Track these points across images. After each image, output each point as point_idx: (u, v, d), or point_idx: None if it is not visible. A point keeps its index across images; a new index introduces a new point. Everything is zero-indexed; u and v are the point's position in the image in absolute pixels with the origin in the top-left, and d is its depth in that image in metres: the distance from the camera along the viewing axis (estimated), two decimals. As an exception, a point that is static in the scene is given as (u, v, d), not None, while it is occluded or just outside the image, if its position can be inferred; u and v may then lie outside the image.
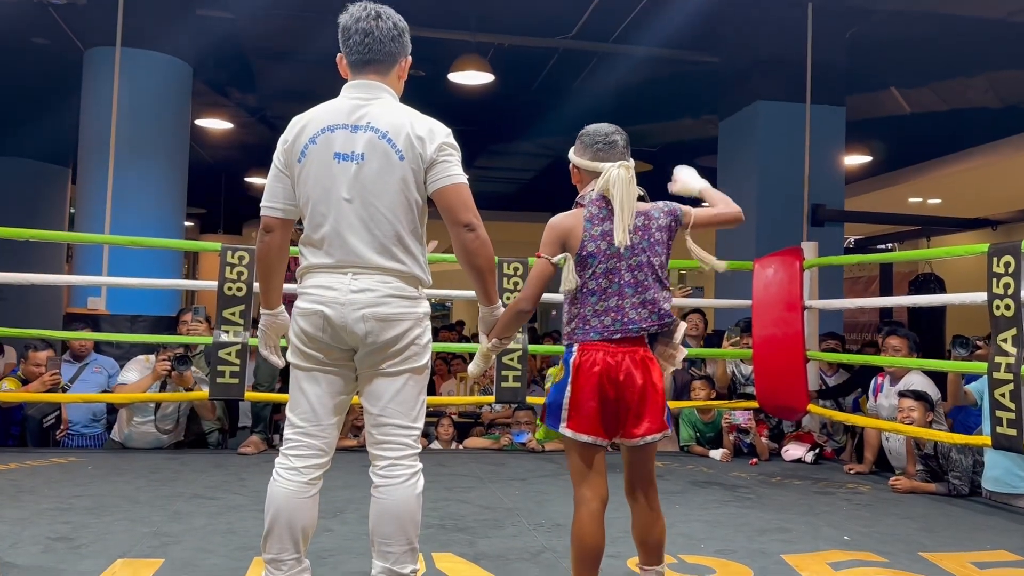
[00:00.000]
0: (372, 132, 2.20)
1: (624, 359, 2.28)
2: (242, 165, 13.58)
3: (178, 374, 4.94)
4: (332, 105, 2.28)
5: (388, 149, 2.19)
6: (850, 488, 4.58)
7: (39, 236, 5.24)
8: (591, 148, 2.43)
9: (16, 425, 5.29)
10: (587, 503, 2.28)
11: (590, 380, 2.27)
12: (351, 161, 2.19)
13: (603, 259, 2.33)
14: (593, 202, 2.38)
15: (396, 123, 2.21)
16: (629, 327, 2.30)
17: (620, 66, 8.16)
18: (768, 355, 5.35)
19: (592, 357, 2.28)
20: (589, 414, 2.26)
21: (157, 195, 6.77)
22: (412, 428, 2.27)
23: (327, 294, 2.19)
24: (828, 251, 6.22)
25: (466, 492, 4.10)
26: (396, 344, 2.21)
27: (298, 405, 2.27)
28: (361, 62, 2.27)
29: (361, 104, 2.24)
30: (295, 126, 2.27)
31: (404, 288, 2.23)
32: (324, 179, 2.21)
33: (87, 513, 3.43)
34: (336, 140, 2.20)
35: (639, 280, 2.32)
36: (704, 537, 3.39)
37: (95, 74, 6.75)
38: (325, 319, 2.19)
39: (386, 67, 2.30)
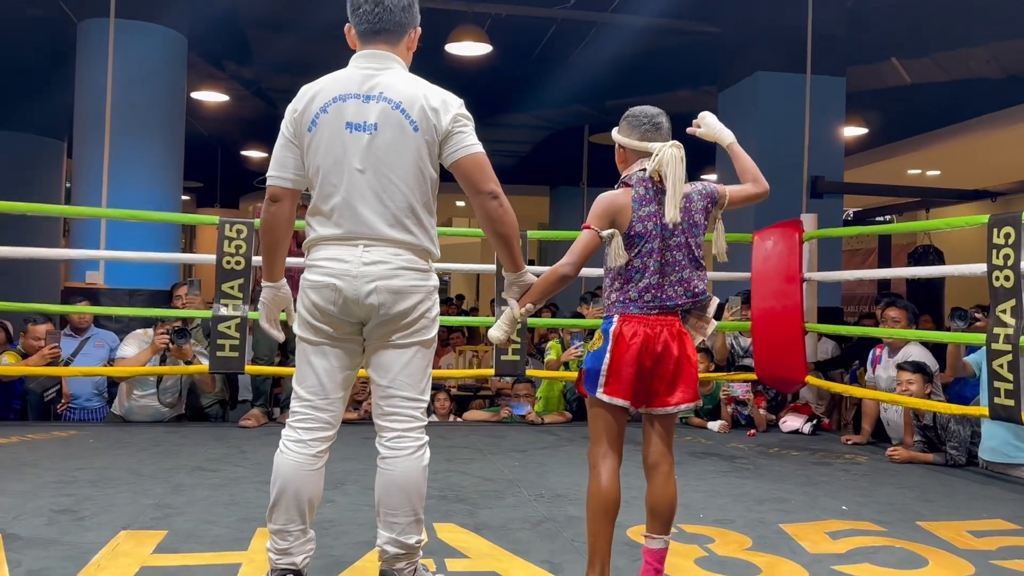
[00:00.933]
0: (385, 102, 2.18)
1: (662, 331, 2.36)
2: (238, 138, 13.51)
3: (177, 347, 4.94)
4: (343, 74, 2.25)
5: (402, 120, 2.17)
6: (848, 459, 4.61)
7: (36, 209, 5.22)
8: (639, 129, 2.46)
9: (17, 399, 5.31)
10: (609, 458, 2.37)
11: (631, 349, 2.34)
12: (363, 131, 2.17)
13: (648, 239, 2.37)
14: (640, 182, 2.41)
15: (410, 94, 2.19)
16: (666, 303, 2.38)
17: (619, 36, 8.08)
18: (767, 327, 5.36)
19: (634, 328, 2.35)
20: (626, 380, 2.34)
21: (153, 168, 6.73)
22: (419, 400, 2.27)
23: (338, 266, 2.17)
24: (827, 223, 6.21)
25: (467, 464, 4.13)
26: (407, 317, 2.21)
27: (306, 379, 2.26)
28: (371, 32, 2.25)
29: (372, 74, 2.21)
30: (305, 95, 2.23)
31: (415, 261, 2.22)
32: (335, 149, 2.18)
33: (90, 485, 3.45)
34: (348, 110, 2.18)
35: (677, 260, 2.39)
36: (703, 507, 3.42)
37: (89, 46, 6.68)
38: (337, 292, 2.17)
39: (396, 37, 2.27)
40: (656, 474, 2.42)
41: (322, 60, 8.54)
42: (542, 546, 2.84)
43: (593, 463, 2.38)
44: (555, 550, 2.80)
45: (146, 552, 2.64)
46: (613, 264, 2.39)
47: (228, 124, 12.20)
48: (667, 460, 2.43)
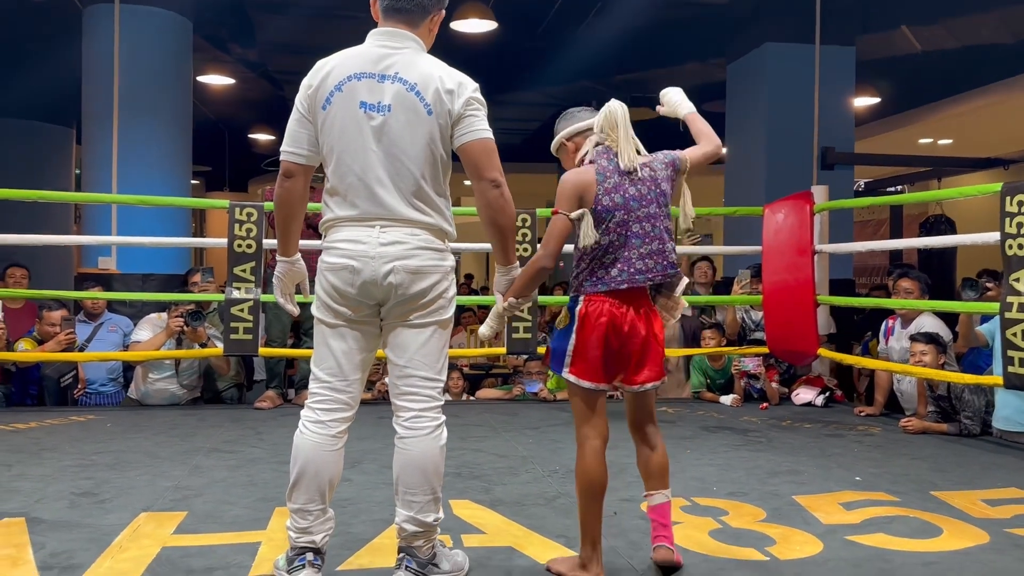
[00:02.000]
0: (400, 83, 2.17)
1: (628, 311, 2.36)
2: (245, 121, 13.49)
3: (192, 330, 4.98)
4: (358, 51, 2.23)
5: (416, 102, 2.16)
6: (861, 430, 4.62)
7: (47, 197, 5.25)
8: (577, 116, 2.54)
9: (34, 385, 5.36)
10: (590, 440, 2.39)
11: (596, 330, 2.34)
12: (377, 112, 2.16)
13: (616, 211, 2.36)
14: (601, 155, 2.42)
15: (424, 75, 2.18)
16: (635, 277, 2.36)
17: (625, 9, 8.00)
18: (778, 300, 5.35)
19: (599, 307, 2.35)
20: (593, 361, 2.35)
21: (162, 153, 6.75)
22: (436, 380, 2.28)
23: (356, 247, 2.18)
24: (838, 194, 6.18)
25: (480, 441, 4.15)
26: (425, 296, 2.21)
27: (324, 360, 2.27)
28: (392, 9, 2.23)
29: (389, 52, 2.20)
30: (320, 71, 2.22)
31: (432, 240, 2.23)
32: (350, 128, 2.17)
33: (109, 469, 3.50)
34: (362, 89, 2.17)
35: (646, 231, 2.37)
36: (716, 480, 3.44)
37: (95, 32, 6.68)
38: (355, 273, 2.17)
39: (417, 18, 2.25)
40: (644, 438, 2.50)
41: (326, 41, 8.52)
42: (557, 521, 2.87)
43: (579, 442, 2.41)
44: (570, 525, 2.81)
45: (166, 533, 2.68)
46: (583, 244, 2.37)
47: (235, 107, 12.18)
48: (651, 426, 2.50)
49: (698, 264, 6.22)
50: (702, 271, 6.18)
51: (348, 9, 7.54)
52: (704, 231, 11.21)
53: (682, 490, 3.26)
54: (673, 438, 4.30)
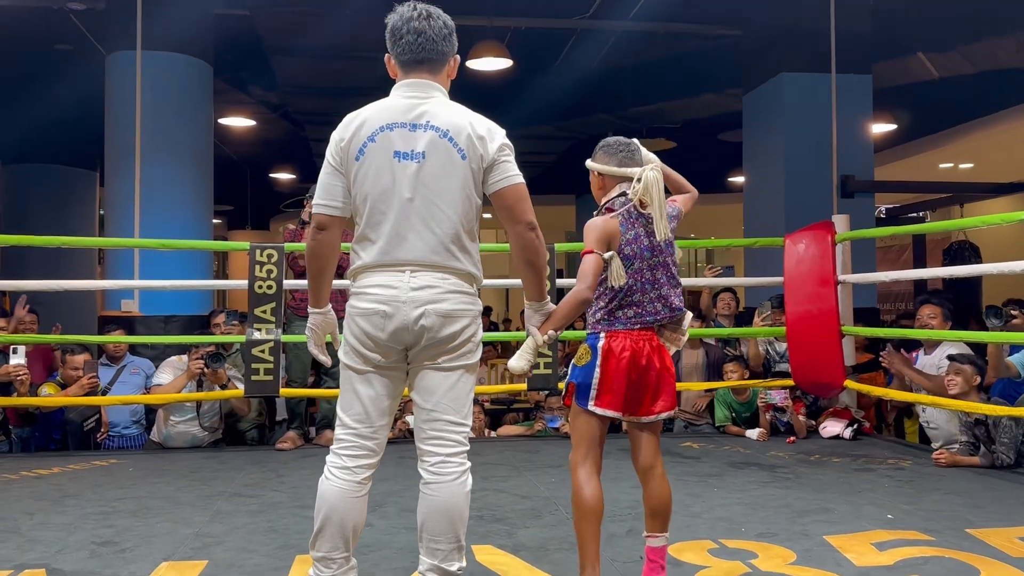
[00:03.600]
0: (433, 131, 2.22)
1: (645, 345, 2.52)
2: (267, 160, 13.67)
3: (212, 371, 4.99)
4: (388, 103, 2.28)
5: (450, 148, 2.21)
6: (891, 464, 4.52)
7: (71, 243, 5.33)
8: (616, 156, 2.62)
9: (58, 429, 5.38)
10: (588, 465, 2.50)
11: (621, 364, 2.48)
12: (412, 160, 2.21)
13: (635, 260, 2.53)
14: (623, 207, 2.56)
15: (456, 122, 2.24)
16: (646, 319, 2.54)
17: (640, 43, 8.06)
18: (802, 332, 5.28)
19: (622, 343, 2.50)
20: (618, 393, 2.48)
21: (184, 196, 6.82)
22: (463, 424, 2.28)
23: (387, 293, 2.20)
24: (859, 223, 6.12)
25: (502, 482, 4.11)
26: (454, 340, 2.23)
27: (351, 406, 2.29)
28: (414, 61, 2.28)
29: (418, 103, 2.25)
30: (351, 124, 2.26)
31: (461, 284, 2.26)
32: (384, 178, 2.21)
33: (131, 516, 3.48)
34: (396, 139, 2.21)
35: (657, 278, 2.56)
36: (744, 520, 3.37)
37: (118, 79, 6.80)
38: (387, 318, 2.20)
39: (438, 66, 2.32)
40: (651, 476, 2.56)
41: (344, 82, 8.62)
42: (582, 566, 2.81)
43: (573, 468, 2.51)
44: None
45: (187, 583, 2.65)
46: (615, 284, 2.52)
47: (256, 147, 12.34)
48: (659, 462, 2.58)
49: (720, 296, 6.18)
50: (725, 302, 6.13)
51: (363, 50, 7.63)
52: (726, 262, 11.14)
53: (709, 531, 3.20)
54: (699, 475, 4.23)
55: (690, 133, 11.31)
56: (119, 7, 6.71)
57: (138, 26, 6.56)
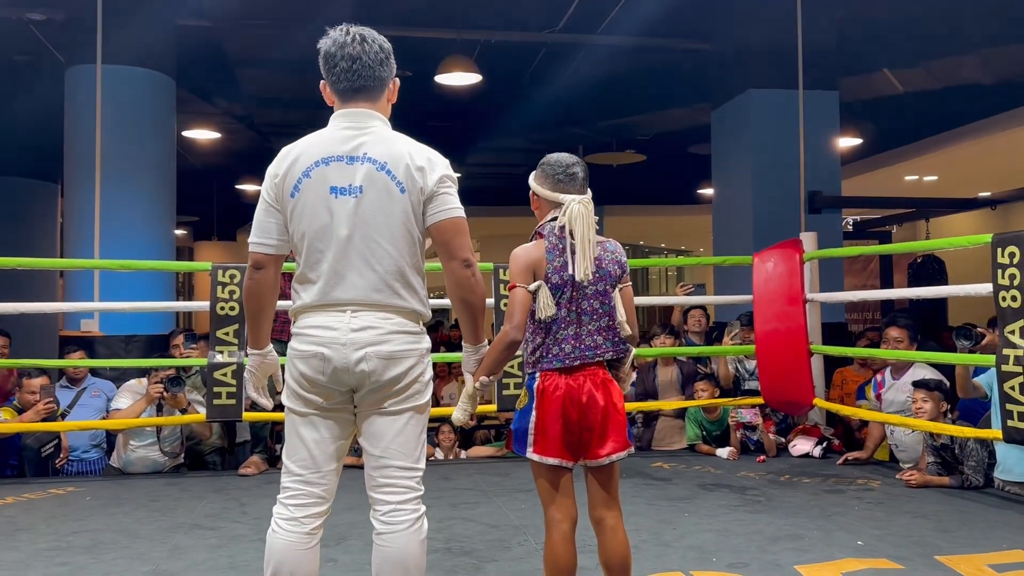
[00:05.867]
0: (370, 163, 2.11)
1: (585, 382, 2.36)
2: (233, 171, 13.48)
3: (172, 395, 4.87)
4: (324, 135, 2.18)
5: (388, 181, 2.11)
6: (860, 484, 4.52)
7: (30, 264, 5.21)
8: (551, 178, 2.48)
9: (14, 455, 5.21)
10: (557, 524, 2.35)
11: (554, 404, 2.34)
12: (349, 195, 2.10)
13: (566, 289, 2.39)
14: (553, 232, 2.43)
15: (395, 153, 2.13)
16: (586, 353, 2.38)
17: (609, 57, 8.06)
18: (771, 350, 5.28)
19: (555, 382, 2.36)
20: (554, 437, 2.33)
21: (146, 212, 6.67)
22: (415, 469, 2.18)
23: (326, 335, 2.10)
24: (827, 238, 6.15)
25: (471, 509, 4.04)
26: (399, 382, 2.13)
27: (296, 452, 2.18)
28: (351, 90, 2.18)
29: (355, 134, 2.15)
30: (285, 159, 2.16)
31: (405, 324, 2.15)
32: (321, 215, 2.11)
33: (85, 552, 3.36)
34: (332, 173, 2.11)
35: (595, 308, 2.40)
36: (715, 549, 3.33)
37: (77, 92, 6.64)
38: (326, 361, 2.10)
39: (376, 93, 2.21)
40: (602, 529, 2.40)
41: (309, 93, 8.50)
42: (551, 603, 2.74)
43: (546, 526, 2.38)
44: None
45: (141, 629, 2.55)
46: (542, 316, 2.38)
47: (222, 158, 12.18)
48: (611, 513, 2.41)
49: (691, 312, 6.18)
50: (695, 319, 6.13)
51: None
52: (697, 279, 11.18)
53: (680, 562, 3.16)
54: (669, 499, 4.20)
55: (660, 146, 11.35)
56: (79, 19, 6.56)
57: (98, 39, 6.41)
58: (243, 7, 6.89)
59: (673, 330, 6.08)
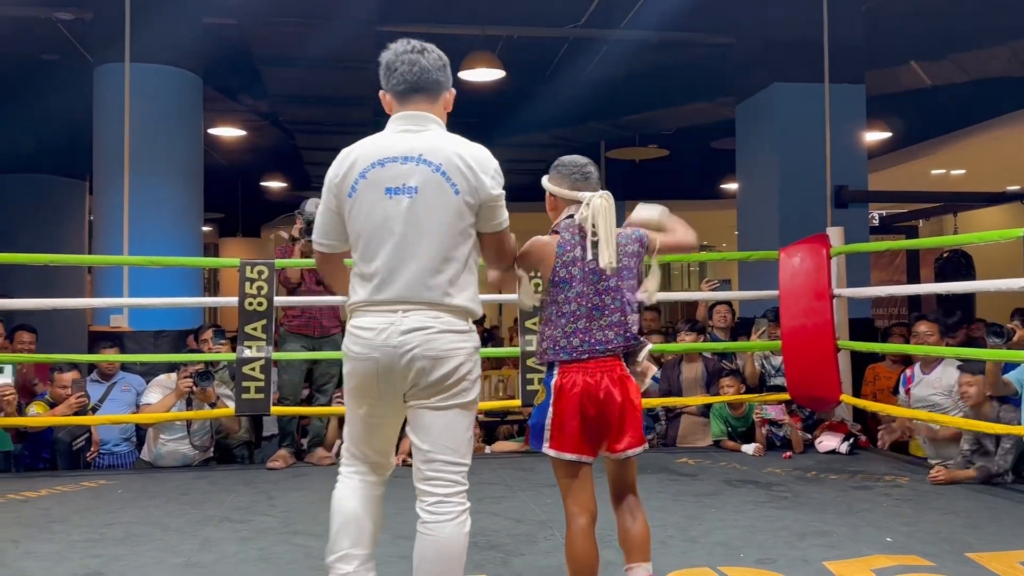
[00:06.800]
0: (425, 165, 2.18)
1: (603, 378, 2.40)
2: (258, 168, 13.59)
3: (200, 390, 4.93)
4: (381, 137, 2.27)
5: (442, 182, 2.18)
6: (888, 481, 4.48)
7: (61, 260, 5.29)
8: (568, 178, 2.55)
9: (47, 448, 5.29)
10: (575, 518, 2.40)
11: (571, 400, 2.37)
12: (404, 195, 2.17)
13: (575, 284, 2.45)
14: (567, 228, 2.50)
15: (448, 154, 2.20)
16: (596, 347, 2.42)
17: (632, 52, 8.03)
18: (798, 346, 5.25)
19: (572, 379, 2.39)
20: (571, 433, 2.37)
21: (174, 209, 6.75)
22: (461, 464, 2.23)
23: (377, 338, 2.18)
24: (854, 233, 6.10)
25: (496, 503, 4.05)
26: (447, 380, 2.19)
27: (355, 435, 2.34)
28: (410, 90, 2.25)
29: (412, 135, 2.23)
30: (344, 161, 2.25)
31: (455, 323, 2.21)
32: (376, 215, 2.19)
33: (118, 544, 3.42)
34: (387, 174, 2.18)
35: (606, 303, 2.45)
36: (742, 545, 3.32)
37: (106, 91, 6.73)
38: (376, 363, 2.18)
39: (434, 95, 2.28)
40: (621, 512, 2.49)
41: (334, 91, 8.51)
42: (579, 597, 2.75)
43: (567, 520, 2.43)
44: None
45: (176, 620, 2.59)
46: (523, 305, 2.64)
47: (247, 155, 12.27)
48: (630, 494, 2.50)
49: (716, 308, 6.16)
50: (720, 315, 6.11)
51: (353, 59, 7.58)
52: (722, 275, 11.12)
53: (707, 558, 3.16)
54: (695, 495, 4.19)
55: (682, 140, 11.30)
56: (107, 18, 6.65)
57: (126, 37, 6.48)
58: (269, 5, 6.94)
59: (698, 326, 6.05)
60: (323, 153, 11.69)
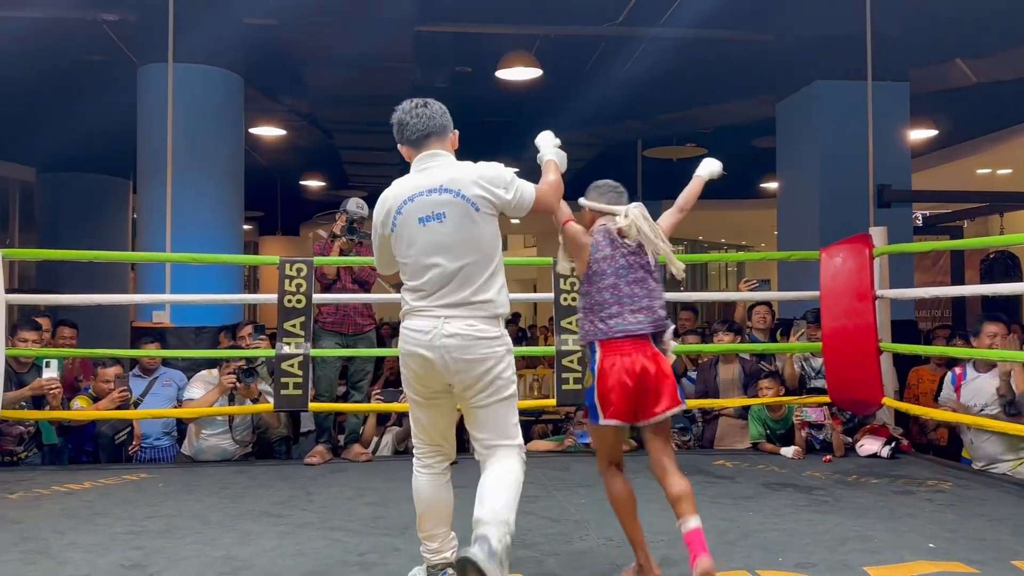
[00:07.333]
0: (448, 193, 2.63)
1: (638, 356, 2.82)
2: (297, 168, 13.72)
3: (244, 386, 4.99)
4: (408, 179, 2.74)
5: (464, 204, 2.63)
6: (931, 486, 4.40)
7: (104, 257, 5.36)
8: (605, 195, 3.03)
9: (90, 441, 5.41)
10: (609, 467, 2.91)
11: (613, 377, 2.80)
12: (434, 221, 2.63)
13: (607, 277, 2.88)
14: (599, 233, 2.94)
15: (464, 181, 2.65)
16: (629, 328, 2.84)
17: (670, 50, 7.96)
18: (839, 347, 5.17)
19: (612, 360, 2.81)
20: (617, 403, 2.80)
21: (215, 206, 6.86)
22: (512, 441, 2.70)
23: (423, 338, 2.62)
24: (897, 233, 5.98)
25: (531, 502, 4.04)
26: (482, 380, 2.62)
27: (417, 424, 2.79)
28: (423, 137, 2.73)
29: (431, 171, 2.69)
30: (383, 205, 2.73)
31: (488, 329, 2.63)
32: (415, 241, 2.65)
33: (159, 536, 3.47)
34: (417, 206, 2.65)
35: (635, 292, 2.88)
36: (781, 549, 3.28)
37: (150, 91, 6.85)
38: (424, 359, 2.62)
39: (443, 137, 2.76)
40: (665, 473, 2.82)
41: (372, 91, 8.56)
42: (615, 598, 2.75)
43: (605, 472, 2.92)
44: (629, 603, 2.70)
45: (215, 612, 2.62)
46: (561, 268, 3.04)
47: (286, 155, 12.39)
48: (670, 459, 2.85)
49: (756, 308, 6.09)
50: (760, 316, 6.03)
51: (392, 59, 7.63)
52: (760, 274, 11.01)
53: (745, 560, 3.12)
54: (733, 497, 4.15)
55: (721, 138, 11.19)
56: (151, 19, 6.76)
57: (170, 38, 6.59)
58: (309, 6, 7.01)
59: (735, 327, 5.98)
60: (361, 153, 11.78)
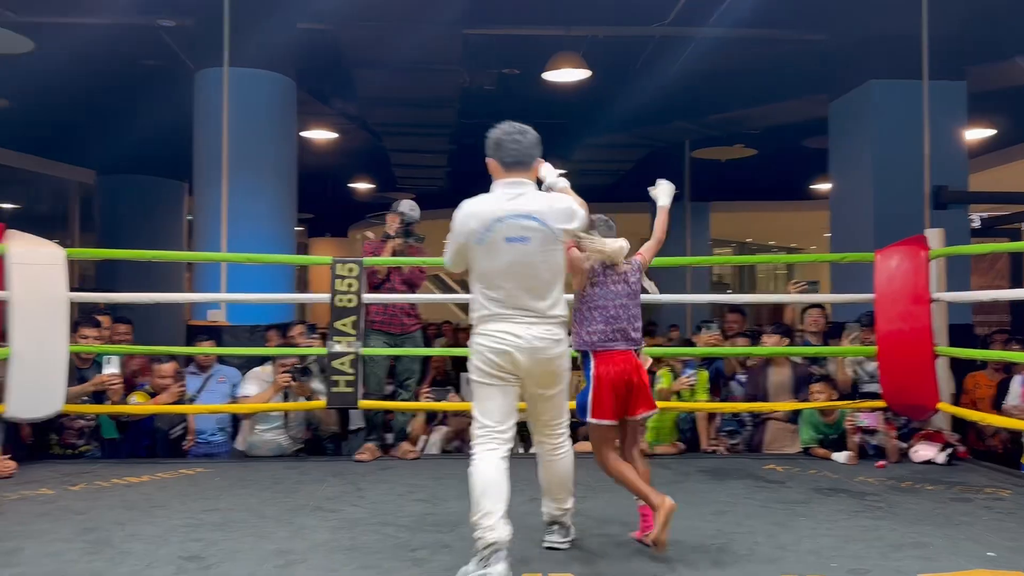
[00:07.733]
0: (533, 220, 3.01)
1: (624, 366, 3.32)
2: (346, 170, 13.90)
3: (299, 384, 5.09)
4: (496, 199, 3.06)
5: (544, 230, 3.03)
6: (989, 493, 4.29)
7: (162, 256, 5.50)
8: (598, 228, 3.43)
9: (147, 436, 5.55)
10: (611, 452, 3.36)
11: (606, 382, 3.29)
12: (519, 242, 3.00)
13: (597, 299, 3.37)
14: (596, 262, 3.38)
15: (545, 209, 3.04)
16: (607, 343, 3.34)
17: (719, 49, 7.89)
18: (894, 351, 5.08)
19: (606, 368, 3.30)
20: (608, 405, 3.29)
21: (269, 209, 7.00)
22: (564, 421, 3.25)
23: (516, 340, 3.01)
24: (953, 235, 5.84)
25: (578, 503, 4.00)
26: (555, 374, 3.12)
27: (485, 410, 3.06)
28: (514, 163, 3.08)
29: (519, 196, 3.05)
30: (470, 217, 3.04)
31: (557, 332, 3.10)
32: (501, 257, 3.01)
33: (216, 529, 3.56)
34: (507, 227, 3.00)
35: (618, 315, 3.36)
36: (834, 554, 3.23)
37: (206, 95, 7.01)
38: (513, 357, 3.01)
39: (530, 166, 3.13)
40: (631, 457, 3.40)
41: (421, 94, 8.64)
42: (665, 599, 2.74)
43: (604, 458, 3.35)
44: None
45: (271, 604, 2.67)
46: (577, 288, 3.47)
47: (336, 157, 12.57)
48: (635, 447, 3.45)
49: (809, 311, 5.99)
50: (813, 319, 5.93)
51: (440, 62, 7.70)
52: (808, 276, 10.83)
53: (797, 565, 3.09)
54: (784, 502, 4.10)
55: (771, 139, 11.05)
56: (207, 24, 6.92)
57: (225, 43, 6.73)
58: (359, 10, 7.11)
59: (785, 329, 5.89)
60: (409, 155, 11.89)
